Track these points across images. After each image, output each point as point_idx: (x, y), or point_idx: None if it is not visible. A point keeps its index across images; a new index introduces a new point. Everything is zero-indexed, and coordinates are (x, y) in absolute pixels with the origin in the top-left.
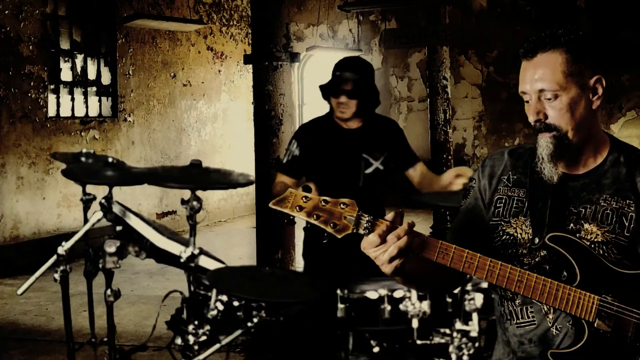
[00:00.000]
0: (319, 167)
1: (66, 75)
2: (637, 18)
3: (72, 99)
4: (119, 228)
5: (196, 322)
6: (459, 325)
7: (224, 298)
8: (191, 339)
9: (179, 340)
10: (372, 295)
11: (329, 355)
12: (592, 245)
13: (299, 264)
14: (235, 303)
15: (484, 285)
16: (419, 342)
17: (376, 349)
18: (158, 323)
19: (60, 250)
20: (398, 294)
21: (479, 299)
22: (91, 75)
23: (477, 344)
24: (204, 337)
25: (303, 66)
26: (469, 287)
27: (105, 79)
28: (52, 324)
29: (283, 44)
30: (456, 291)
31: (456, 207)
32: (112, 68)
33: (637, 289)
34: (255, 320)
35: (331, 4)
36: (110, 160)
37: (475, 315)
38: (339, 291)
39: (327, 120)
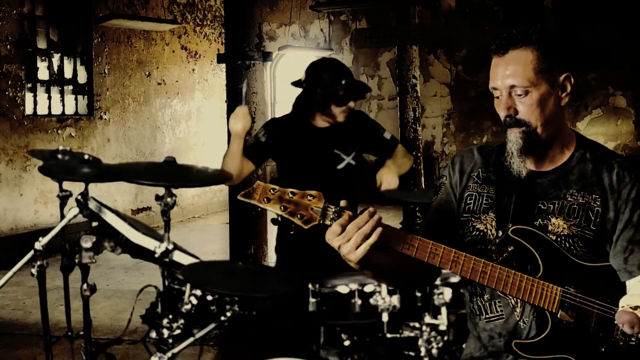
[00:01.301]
0: (290, 161)
1: (43, 74)
2: (600, 17)
3: (49, 97)
4: (94, 224)
5: (170, 316)
6: (428, 319)
7: (198, 292)
8: (165, 332)
9: (153, 334)
10: (343, 289)
11: (301, 349)
12: (558, 239)
13: (271, 259)
14: (209, 297)
15: (453, 279)
16: (389, 335)
17: (347, 343)
18: (133, 317)
19: (37, 245)
20: (368, 288)
21: (447, 293)
22: (67, 74)
23: (445, 338)
24: (178, 331)
25: (275, 65)
26: (438, 281)
27: (82, 77)
28: (29, 318)
29: (256, 44)
30: None
31: (425, 203)
32: (88, 67)
33: (599, 281)
34: (228, 314)
35: (303, 4)
36: (86, 157)
37: (444, 309)
38: (310, 286)
39: (299, 119)
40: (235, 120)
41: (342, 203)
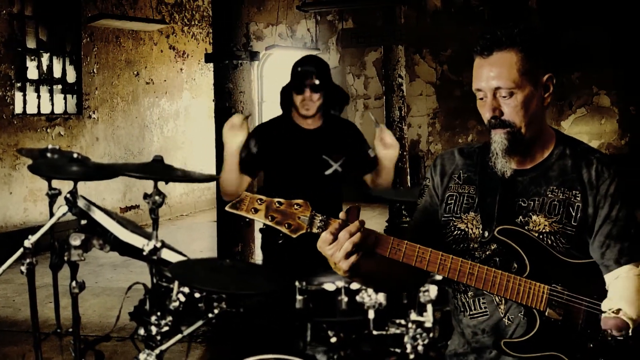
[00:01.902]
0: (278, 165)
1: (32, 73)
2: (584, 18)
3: (38, 97)
4: (83, 222)
5: (159, 313)
6: (413, 316)
7: (186, 290)
8: (154, 329)
9: (141, 331)
10: (329, 287)
11: (288, 346)
12: (541, 236)
13: (258, 257)
14: (197, 295)
15: (438, 277)
16: (375, 332)
17: (333, 339)
18: (121, 314)
19: (27, 243)
20: (355, 285)
21: (433, 290)
22: (57, 73)
23: (431, 335)
24: (166, 328)
25: (262, 65)
26: None
27: (71, 77)
28: (18, 315)
29: (243, 43)
30: None
31: (411, 201)
32: (77, 66)
33: (585, 277)
34: (216, 311)
35: (290, 4)
36: (75, 156)
37: (429, 307)
38: (297, 283)
39: (286, 120)
40: (232, 133)
41: (342, 215)
